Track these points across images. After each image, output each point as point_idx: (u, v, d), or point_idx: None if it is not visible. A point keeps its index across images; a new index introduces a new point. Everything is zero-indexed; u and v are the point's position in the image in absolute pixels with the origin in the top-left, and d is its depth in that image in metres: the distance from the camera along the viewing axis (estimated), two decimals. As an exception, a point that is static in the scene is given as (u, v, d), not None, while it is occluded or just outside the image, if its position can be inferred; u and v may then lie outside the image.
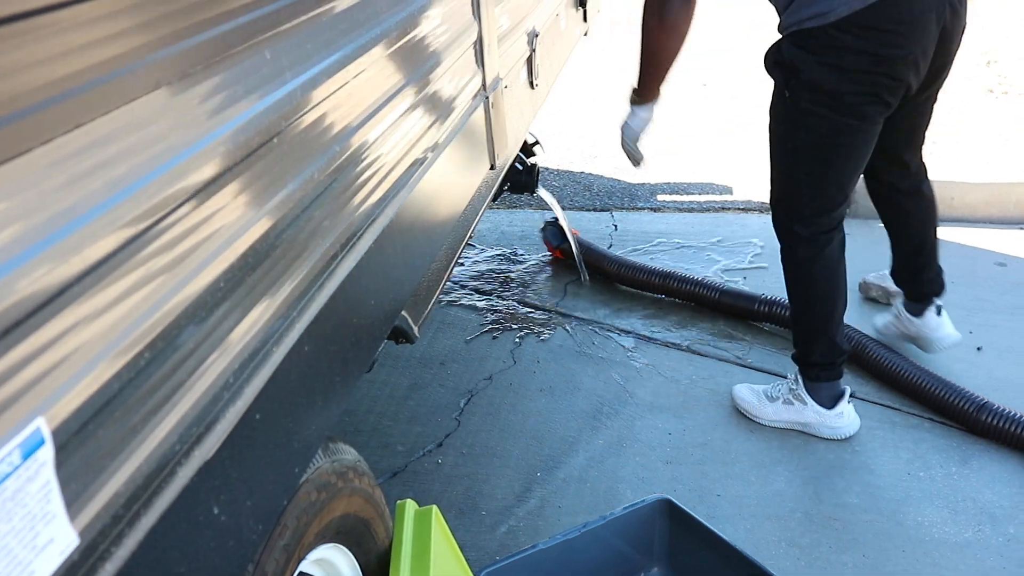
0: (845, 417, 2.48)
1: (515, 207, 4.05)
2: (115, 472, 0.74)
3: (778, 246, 2.46)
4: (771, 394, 2.56)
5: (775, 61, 2.27)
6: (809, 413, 2.49)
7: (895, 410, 2.58)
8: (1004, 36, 5.85)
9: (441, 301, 3.26)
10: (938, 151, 4.20)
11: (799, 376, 2.51)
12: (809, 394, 2.48)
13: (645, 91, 2.43)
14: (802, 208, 2.36)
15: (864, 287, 3.17)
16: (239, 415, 0.92)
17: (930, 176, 2.69)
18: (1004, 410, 2.42)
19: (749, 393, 2.62)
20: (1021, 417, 2.39)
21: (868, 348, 2.72)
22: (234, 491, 0.91)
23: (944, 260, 3.35)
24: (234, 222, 0.94)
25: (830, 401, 2.47)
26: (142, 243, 0.79)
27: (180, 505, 0.81)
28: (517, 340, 3.04)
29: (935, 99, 2.46)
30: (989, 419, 2.42)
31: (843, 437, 2.48)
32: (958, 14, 2.19)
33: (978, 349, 2.83)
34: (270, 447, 1.00)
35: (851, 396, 2.52)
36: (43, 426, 0.65)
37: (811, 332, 2.47)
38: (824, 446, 2.46)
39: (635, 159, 2.57)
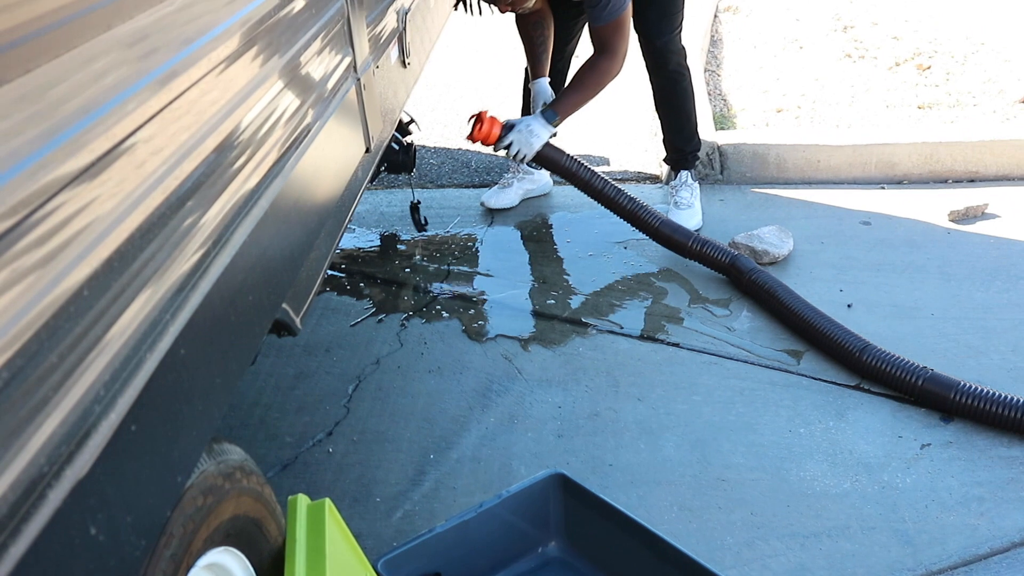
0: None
1: (393, 187, 4.00)
2: (-23, 502, 0.69)
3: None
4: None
5: None
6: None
7: (775, 370, 2.67)
8: (849, 1, 6.08)
9: (324, 288, 3.20)
10: (803, 116, 4.35)
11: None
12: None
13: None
14: None
15: (733, 246, 3.27)
16: (113, 428, 0.87)
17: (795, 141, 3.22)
18: (885, 353, 2.57)
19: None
20: (900, 360, 2.54)
21: (777, 291, 2.90)
22: (112, 508, 0.86)
23: (813, 220, 3.49)
24: (95, 223, 0.89)
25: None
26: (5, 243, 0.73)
27: (53, 530, 0.76)
28: (403, 322, 3.00)
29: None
30: (871, 361, 2.57)
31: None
32: None
33: (848, 306, 2.94)
34: (149, 457, 0.95)
35: (726, 358, 2.67)
36: None
37: None
38: (709, 409, 2.52)
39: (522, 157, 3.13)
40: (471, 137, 3.11)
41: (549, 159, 3.16)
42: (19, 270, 0.76)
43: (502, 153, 3.20)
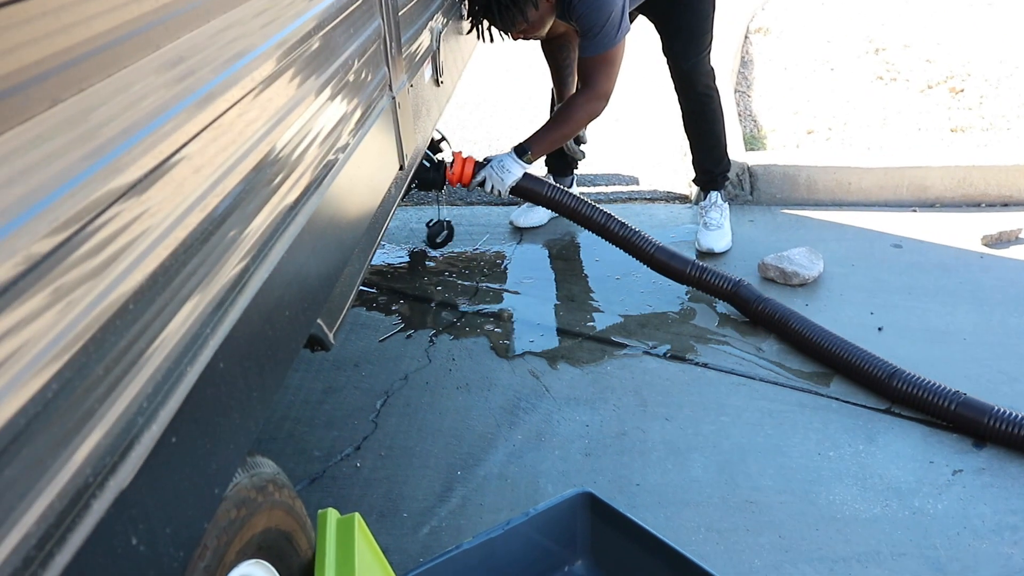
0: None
1: (423, 204, 4.02)
2: (25, 511, 0.70)
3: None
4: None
5: None
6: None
7: (804, 392, 2.65)
8: (881, 24, 6.07)
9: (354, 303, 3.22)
10: (834, 137, 4.34)
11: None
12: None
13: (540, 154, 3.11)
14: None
15: (762, 268, 3.25)
16: (155, 440, 0.88)
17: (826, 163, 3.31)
18: (915, 377, 2.54)
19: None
20: (932, 384, 2.51)
21: (791, 320, 2.84)
22: (153, 519, 0.88)
23: (843, 243, 3.47)
24: (140, 239, 0.91)
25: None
26: (44, 269, 0.75)
27: (96, 540, 0.78)
28: (431, 338, 3.02)
29: None
30: (900, 386, 2.54)
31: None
32: None
33: (879, 329, 2.92)
34: (188, 470, 0.97)
35: (755, 379, 2.65)
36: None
37: None
38: (738, 431, 2.51)
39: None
40: (449, 180, 3.09)
41: (529, 192, 3.07)
42: (69, 284, 0.78)
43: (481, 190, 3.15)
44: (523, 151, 3.03)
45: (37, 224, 0.74)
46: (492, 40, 3.08)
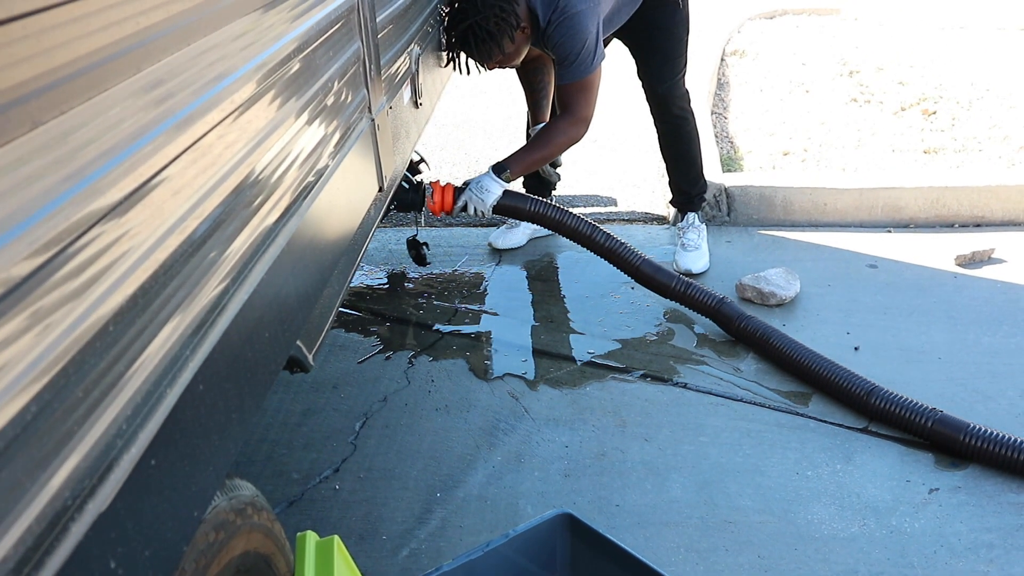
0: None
1: (401, 225, 4.03)
2: (3, 535, 0.69)
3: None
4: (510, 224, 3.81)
5: None
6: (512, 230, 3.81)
7: (782, 412, 2.67)
8: (855, 47, 6.15)
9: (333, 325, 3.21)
10: (809, 159, 4.38)
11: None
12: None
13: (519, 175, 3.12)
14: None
15: (740, 288, 3.28)
16: (134, 462, 0.88)
17: (802, 184, 3.28)
18: (892, 394, 2.57)
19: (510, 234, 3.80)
20: (909, 402, 2.53)
21: (772, 337, 2.86)
22: (131, 542, 0.87)
23: (820, 263, 3.51)
24: (121, 260, 0.90)
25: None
26: (23, 292, 0.75)
27: (75, 563, 0.77)
28: (410, 360, 3.01)
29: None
30: (879, 403, 2.57)
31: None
32: None
33: (855, 349, 2.95)
34: (168, 492, 0.96)
35: (734, 399, 2.67)
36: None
37: None
38: (716, 451, 2.52)
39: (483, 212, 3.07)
40: (431, 210, 3.08)
41: (512, 208, 3.07)
42: (48, 307, 0.78)
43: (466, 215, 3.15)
44: (501, 169, 3.03)
45: (16, 246, 0.74)
46: (469, 72, 3.10)
